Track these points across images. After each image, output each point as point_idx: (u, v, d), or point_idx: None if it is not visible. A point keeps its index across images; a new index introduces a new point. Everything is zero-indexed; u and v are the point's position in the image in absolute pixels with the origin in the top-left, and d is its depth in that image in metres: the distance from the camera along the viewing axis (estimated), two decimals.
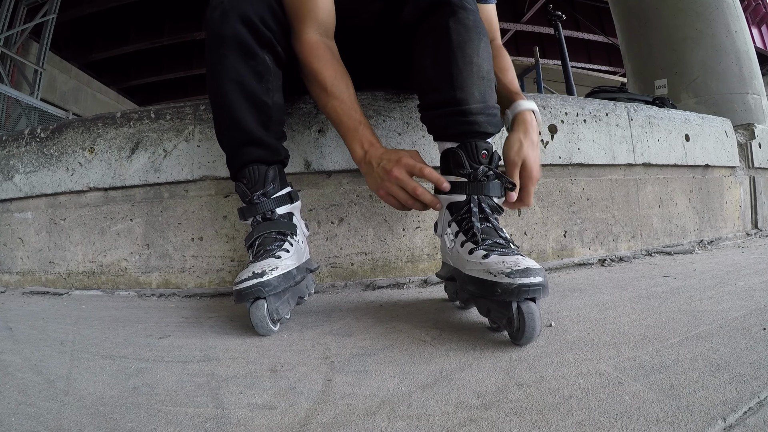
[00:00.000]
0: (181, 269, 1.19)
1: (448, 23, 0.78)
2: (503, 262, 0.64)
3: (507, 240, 0.73)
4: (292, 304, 0.82)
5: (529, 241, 1.28)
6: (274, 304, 0.74)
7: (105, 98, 8.96)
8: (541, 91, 5.56)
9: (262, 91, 0.84)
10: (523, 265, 0.62)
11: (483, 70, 0.79)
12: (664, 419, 0.41)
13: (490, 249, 0.69)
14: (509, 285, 0.61)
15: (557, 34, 5.09)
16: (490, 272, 0.64)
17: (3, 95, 5.47)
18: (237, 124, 0.84)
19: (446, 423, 0.44)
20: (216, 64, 0.82)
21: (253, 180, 0.85)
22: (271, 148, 0.88)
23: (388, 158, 0.78)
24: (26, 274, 1.33)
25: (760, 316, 0.71)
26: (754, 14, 8.62)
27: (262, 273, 0.73)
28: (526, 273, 0.61)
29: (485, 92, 0.78)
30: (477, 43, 0.78)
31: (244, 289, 0.72)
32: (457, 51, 0.77)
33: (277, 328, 0.76)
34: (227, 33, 0.80)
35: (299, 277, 0.83)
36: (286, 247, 0.82)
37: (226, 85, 0.82)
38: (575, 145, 1.36)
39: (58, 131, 1.30)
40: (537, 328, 0.61)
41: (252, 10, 0.80)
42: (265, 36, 0.83)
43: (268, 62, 0.84)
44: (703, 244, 1.62)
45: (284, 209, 0.88)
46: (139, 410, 0.50)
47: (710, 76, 2.55)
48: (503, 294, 0.62)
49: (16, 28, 5.92)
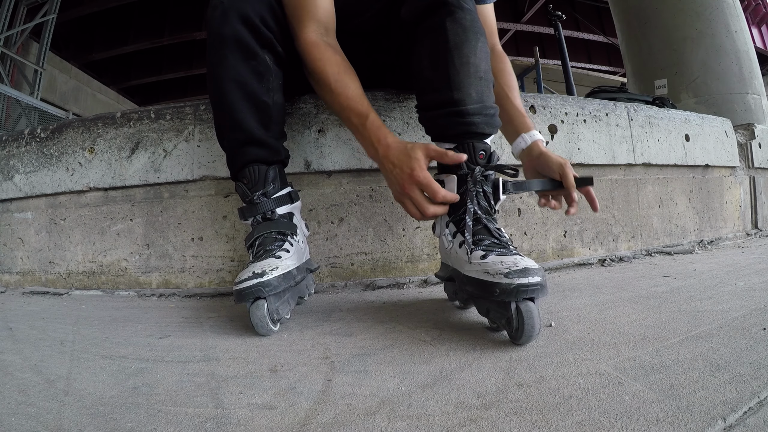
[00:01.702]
0: (181, 269, 1.19)
1: (445, 23, 0.78)
2: (501, 263, 0.64)
3: (505, 240, 0.72)
4: (292, 304, 0.82)
5: (529, 241, 1.28)
6: (274, 304, 0.74)
7: (105, 98, 8.97)
8: (541, 91, 5.56)
9: (262, 91, 0.84)
10: (521, 265, 0.62)
11: (480, 70, 0.78)
12: (664, 419, 0.41)
13: (489, 249, 0.69)
14: (507, 285, 0.61)
15: (557, 34, 5.09)
16: (488, 273, 0.64)
17: (3, 95, 5.47)
18: (238, 124, 0.84)
19: (446, 423, 0.44)
20: (216, 65, 0.82)
21: (254, 180, 0.85)
22: (271, 148, 0.87)
23: (400, 168, 0.75)
24: (26, 274, 1.33)
25: (760, 316, 0.71)
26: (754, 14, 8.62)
27: (262, 273, 0.73)
28: (524, 273, 0.61)
29: (482, 92, 0.78)
30: (474, 43, 0.78)
31: (244, 289, 0.72)
32: (454, 51, 0.77)
33: (277, 328, 0.76)
34: (227, 33, 0.80)
35: (299, 277, 0.83)
36: (286, 247, 0.82)
37: (227, 85, 0.82)
38: (575, 145, 1.36)
39: (58, 131, 1.30)
40: (536, 327, 0.61)
41: (252, 9, 0.80)
42: (266, 36, 0.83)
43: (268, 62, 0.84)
44: (703, 244, 1.62)
45: (284, 209, 0.88)
46: (139, 410, 0.50)
47: (710, 76, 2.55)
48: (502, 294, 0.62)
49: (16, 28, 5.92)
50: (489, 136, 0.79)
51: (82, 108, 7.83)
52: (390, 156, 0.76)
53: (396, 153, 0.76)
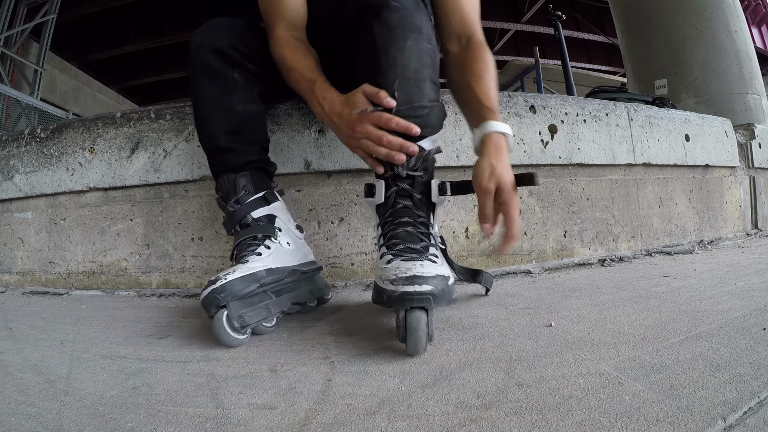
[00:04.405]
0: (181, 269, 1.19)
1: (373, 26, 0.77)
2: (397, 269, 0.62)
3: (427, 245, 0.69)
4: (274, 310, 0.76)
5: (529, 241, 1.28)
6: (237, 311, 0.69)
7: (105, 98, 8.96)
8: (541, 91, 5.56)
9: (231, 102, 0.88)
10: (412, 272, 0.60)
11: (409, 69, 0.74)
12: (664, 419, 0.41)
13: (398, 254, 0.67)
14: (392, 293, 0.60)
15: (557, 34, 5.09)
16: (381, 278, 0.64)
17: (3, 95, 5.47)
18: (207, 135, 0.90)
19: (446, 423, 0.44)
20: (193, 89, 0.89)
21: (225, 190, 0.86)
22: (240, 152, 0.88)
23: (348, 114, 0.74)
24: (26, 274, 1.33)
25: (760, 316, 0.71)
26: (754, 14, 8.61)
27: (215, 279, 0.70)
28: (411, 281, 0.59)
29: (411, 92, 0.74)
30: (402, 42, 0.75)
31: (202, 300, 0.69)
32: (381, 54, 0.75)
33: (244, 337, 0.71)
34: (199, 63, 0.87)
35: (270, 278, 0.76)
36: (259, 251, 0.79)
37: (201, 103, 0.89)
38: (575, 145, 1.36)
39: (58, 131, 1.30)
40: (420, 340, 0.59)
41: (220, 41, 0.87)
42: (234, 57, 0.88)
43: (237, 78, 0.89)
44: (703, 244, 1.62)
45: (260, 212, 0.85)
46: (139, 410, 0.50)
47: (710, 76, 2.55)
48: (389, 301, 0.60)
49: (16, 28, 5.92)
50: (424, 137, 0.75)
51: (82, 108, 7.83)
52: (335, 108, 0.77)
53: (338, 104, 0.77)
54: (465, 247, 1.21)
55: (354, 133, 0.74)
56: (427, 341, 0.61)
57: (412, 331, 0.59)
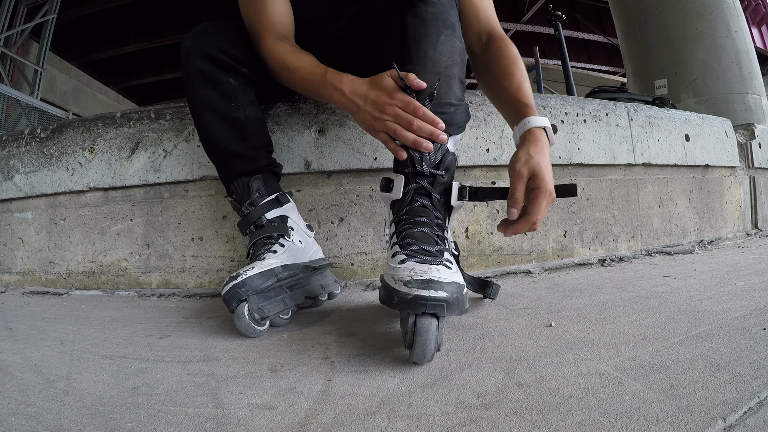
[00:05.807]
0: (181, 269, 1.19)
1: (406, 17, 0.77)
2: (412, 270, 0.59)
3: (442, 249, 0.67)
4: (289, 303, 0.80)
5: (529, 241, 1.28)
6: (256, 304, 0.74)
7: (105, 98, 8.96)
8: (541, 91, 5.55)
9: (232, 109, 0.89)
10: (428, 276, 0.57)
11: (439, 65, 0.73)
12: (664, 419, 0.41)
13: (412, 255, 0.64)
14: (405, 295, 0.57)
15: (557, 34, 5.08)
16: (393, 278, 0.61)
17: (3, 95, 5.47)
18: (216, 143, 0.91)
19: (446, 423, 0.44)
20: (191, 97, 0.90)
21: (240, 193, 0.90)
22: (249, 158, 0.91)
23: (375, 95, 0.72)
24: (26, 274, 1.33)
25: (760, 316, 0.71)
26: (754, 14, 8.61)
27: (236, 275, 0.74)
28: (427, 284, 0.56)
29: (441, 88, 0.73)
30: (435, 37, 0.75)
31: (224, 295, 0.73)
32: (412, 45, 0.75)
33: (264, 327, 0.75)
34: (193, 69, 0.87)
35: (285, 273, 0.80)
36: (274, 249, 0.84)
37: (202, 111, 0.90)
38: (575, 145, 1.36)
39: (58, 131, 1.30)
40: (429, 348, 0.56)
41: (211, 46, 0.87)
42: (226, 63, 0.88)
43: (233, 83, 0.89)
44: (703, 244, 1.62)
45: (274, 213, 0.89)
46: (139, 410, 0.50)
47: (710, 76, 2.55)
48: (399, 303, 0.58)
49: (16, 28, 5.92)
50: (450, 136, 0.74)
51: (82, 108, 7.83)
52: (357, 90, 0.74)
53: (361, 85, 0.74)
54: (465, 247, 1.21)
55: (383, 115, 0.71)
56: (435, 350, 0.58)
57: (421, 339, 0.56)
